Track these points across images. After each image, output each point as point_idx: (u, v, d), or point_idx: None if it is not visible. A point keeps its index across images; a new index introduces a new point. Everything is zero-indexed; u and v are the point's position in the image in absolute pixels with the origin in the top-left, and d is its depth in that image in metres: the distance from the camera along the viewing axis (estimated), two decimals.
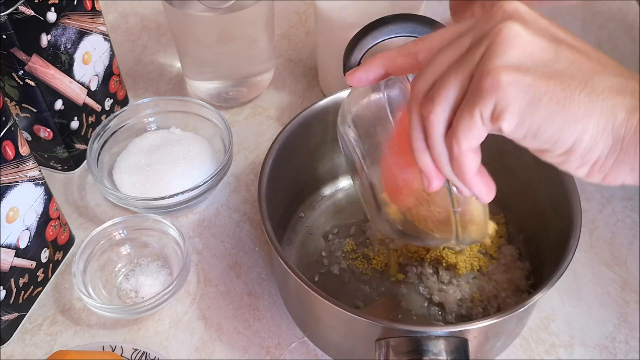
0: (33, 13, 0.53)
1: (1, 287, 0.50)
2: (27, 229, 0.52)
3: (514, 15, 0.32)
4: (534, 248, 0.55)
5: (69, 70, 0.59)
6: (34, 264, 0.54)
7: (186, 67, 0.71)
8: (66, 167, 0.66)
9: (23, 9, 0.52)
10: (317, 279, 0.56)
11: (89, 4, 0.60)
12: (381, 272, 0.55)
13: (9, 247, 0.50)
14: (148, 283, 0.55)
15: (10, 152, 0.48)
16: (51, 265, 0.57)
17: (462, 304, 0.53)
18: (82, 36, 0.60)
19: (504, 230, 0.57)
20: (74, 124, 0.63)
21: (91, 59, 0.62)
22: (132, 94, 0.74)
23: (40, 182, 0.53)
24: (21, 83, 0.56)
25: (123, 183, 0.62)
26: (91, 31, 0.61)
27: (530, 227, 0.56)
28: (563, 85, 0.30)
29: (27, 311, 0.55)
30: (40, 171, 0.53)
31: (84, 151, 0.63)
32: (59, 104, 0.60)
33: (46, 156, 0.65)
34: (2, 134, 0.47)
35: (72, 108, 0.62)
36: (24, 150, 0.50)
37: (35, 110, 0.59)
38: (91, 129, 0.65)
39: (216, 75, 0.70)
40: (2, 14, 0.50)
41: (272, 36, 0.69)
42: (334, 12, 0.63)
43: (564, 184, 0.49)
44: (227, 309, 0.55)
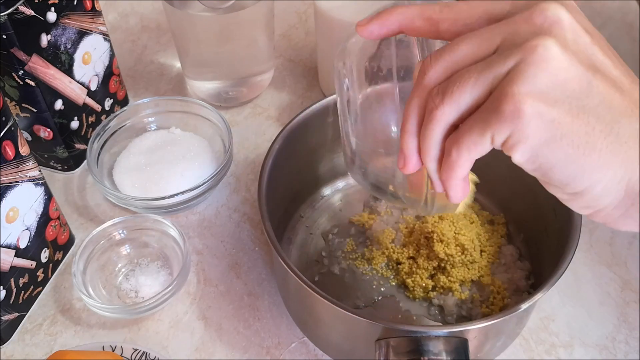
0: (33, 13, 0.53)
1: (1, 287, 0.50)
2: (27, 229, 0.52)
3: (555, 27, 0.29)
4: (534, 248, 0.56)
5: (69, 70, 0.59)
6: (34, 264, 0.54)
7: (186, 67, 0.71)
8: (66, 167, 0.66)
9: (23, 9, 0.52)
10: (317, 279, 0.56)
11: (89, 4, 0.60)
12: (381, 272, 0.55)
13: (9, 247, 0.50)
14: (148, 283, 0.55)
15: (10, 152, 0.48)
16: (51, 265, 0.57)
17: (463, 305, 0.53)
18: (82, 36, 0.60)
19: (504, 230, 0.58)
20: (74, 124, 0.63)
21: (91, 59, 0.62)
22: (132, 94, 0.74)
23: (40, 182, 0.53)
24: (21, 83, 0.56)
25: (123, 183, 0.62)
26: (91, 31, 0.61)
27: (530, 227, 0.56)
28: (588, 128, 0.28)
29: (27, 311, 0.55)
30: (40, 171, 0.53)
31: (84, 151, 0.63)
32: (59, 104, 0.60)
33: (46, 156, 0.65)
34: (2, 134, 0.47)
35: (72, 108, 0.62)
36: (24, 150, 0.50)
37: (35, 110, 0.59)
38: (91, 129, 0.66)
39: (216, 75, 0.70)
40: (2, 14, 0.50)
41: (272, 36, 0.69)
42: (334, 12, 0.63)
43: None
44: (227, 309, 0.55)
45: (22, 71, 0.55)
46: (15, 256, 0.51)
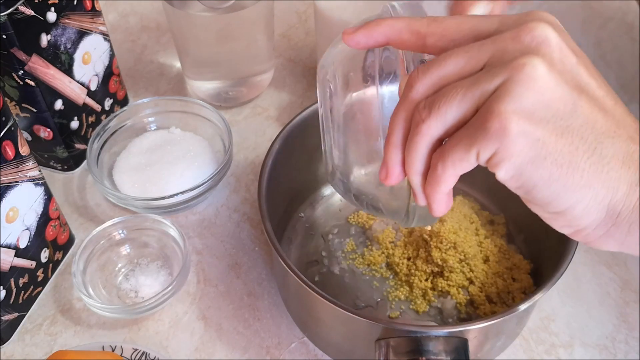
0: (33, 13, 0.53)
1: (1, 287, 0.50)
2: (27, 229, 0.52)
3: (542, 47, 0.29)
4: (534, 248, 0.56)
5: (69, 70, 0.59)
6: (33, 263, 0.54)
7: (186, 67, 0.71)
8: (66, 167, 0.66)
9: (23, 9, 0.52)
10: (317, 279, 0.56)
11: (89, 4, 0.60)
12: (381, 272, 0.55)
13: (9, 247, 0.50)
14: (148, 283, 0.55)
15: (10, 152, 0.48)
16: (51, 265, 0.57)
17: (462, 309, 0.53)
18: (82, 36, 0.60)
19: (504, 230, 0.58)
20: (74, 124, 0.63)
21: (91, 59, 0.62)
22: (132, 94, 0.74)
23: (40, 182, 0.53)
24: (21, 83, 0.56)
25: (123, 183, 0.62)
26: (91, 31, 0.61)
27: (530, 227, 0.56)
28: (571, 147, 0.28)
29: (27, 311, 0.55)
30: (40, 171, 0.53)
31: (84, 151, 0.64)
32: (59, 104, 0.60)
33: (46, 156, 0.65)
34: (2, 134, 0.47)
35: (72, 108, 0.62)
36: (24, 150, 0.50)
37: (35, 110, 0.59)
38: (91, 129, 0.66)
39: (216, 75, 0.70)
40: (2, 14, 0.50)
41: (272, 36, 0.69)
42: (334, 12, 0.63)
43: None
44: (227, 309, 0.55)
45: (22, 71, 0.55)
46: (15, 256, 0.51)
